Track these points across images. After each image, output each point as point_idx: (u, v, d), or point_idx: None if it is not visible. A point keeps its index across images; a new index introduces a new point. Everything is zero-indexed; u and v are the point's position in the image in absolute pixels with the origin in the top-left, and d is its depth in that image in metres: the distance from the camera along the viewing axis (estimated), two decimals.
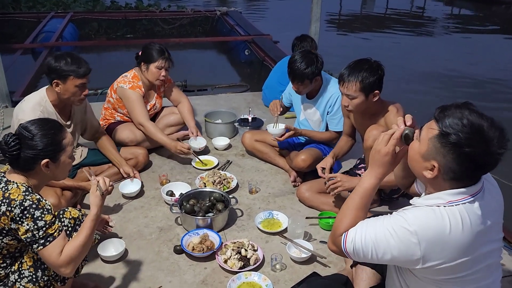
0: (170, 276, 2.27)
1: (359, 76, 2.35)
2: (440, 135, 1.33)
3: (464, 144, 1.29)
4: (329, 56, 6.50)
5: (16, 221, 1.65)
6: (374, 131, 2.45)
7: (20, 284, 1.77)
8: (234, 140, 3.82)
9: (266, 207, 2.88)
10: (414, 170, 1.48)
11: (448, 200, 1.38)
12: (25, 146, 1.72)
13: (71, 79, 2.51)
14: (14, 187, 1.70)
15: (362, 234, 1.45)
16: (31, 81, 5.74)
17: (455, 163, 1.32)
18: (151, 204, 2.91)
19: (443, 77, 7.48)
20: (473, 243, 1.37)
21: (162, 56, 3.30)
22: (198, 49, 9.01)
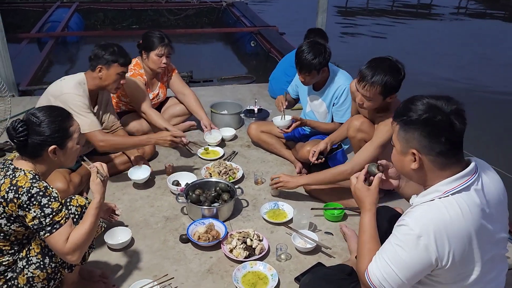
0: (176, 265, 2.29)
1: (383, 81, 2.27)
2: (401, 125, 1.44)
3: (422, 115, 1.39)
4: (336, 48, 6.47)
5: (23, 208, 1.67)
6: (355, 121, 2.61)
7: (28, 270, 1.79)
8: (240, 131, 3.83)
9: (272, 198, 2.89)
10: (404, 172, 1.53)
11: (444, 191, 1.39)
12: (33, 132, 1.73)
13: (114, 66, 2.71)
14: (21, 174, 1.71)
15: (379, 265, 1.46)
16: (38, 70, 5.76)
17: (425, 139, 1.39)
18: (157, 193, 2.92)
19: (452, 70, 7.43)
20: (477, 229, 1.37)
21: (162, 43, 3.30)
22: (204, 40, 8.99)
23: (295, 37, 6.20)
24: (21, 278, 1.79)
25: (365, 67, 2.34)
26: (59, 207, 1.72)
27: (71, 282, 1.98)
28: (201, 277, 2.20)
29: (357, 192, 1.70)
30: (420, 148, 1.41)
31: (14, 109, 3.27)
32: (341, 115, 3.10)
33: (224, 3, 10.05)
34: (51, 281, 1.84)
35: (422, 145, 1.40)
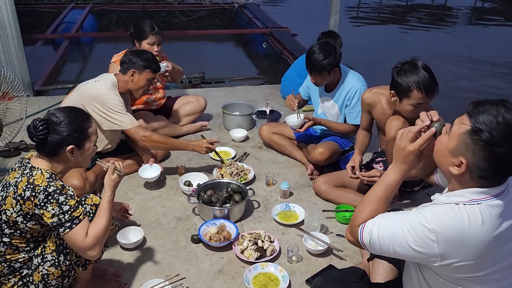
0: (187, 265, 2.30)
1: (437, 88, 2.31)
2: (472, 131, 1.28)
3: (497, 143, 1.24)
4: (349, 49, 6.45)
5: (40, 207, 1.69)
6: (395, 121, 2.44)
7: (43, 267, 1.81)
8: (252, 132, 3.83)
9: (283, 200, 2.89)
10: (440, 164, 1.44)
11: (470, 199, 1.34)
12: (53, 131, 1.78)
13: (147, 72, 2.85)
14: (38, 173, 1.74)
15: (380, 227, 1.44)
16: (52, 70, 5.83)
17: (485, 162, 1.28)
18: (169, 194, 2.94)
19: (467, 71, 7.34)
20: (493, 242, 1.33)
21: (153, 32, 3.36)
22: (216, 41, 9.02)
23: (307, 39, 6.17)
24: (36, 275, 1.82)
25: (421, 79, 2.26)
26: (76, 204, 1.75)
27: (84, 280, 2.00)
28: (212, 278, 2.21)
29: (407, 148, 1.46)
30: (472, 165, 1.30)
31: (29, 109, 3.31)
32: (354, 117, 3.08)
33: (236, 5, 10.08)
34: (65, 278, 1.87)
35: (477, 164, 1.29)
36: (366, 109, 2.78)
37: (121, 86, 2.86)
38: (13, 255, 1.81)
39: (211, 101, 4.26)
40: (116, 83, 2.84)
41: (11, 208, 1.73)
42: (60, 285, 1.87)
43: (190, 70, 5.29)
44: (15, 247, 1.80)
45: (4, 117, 2.85)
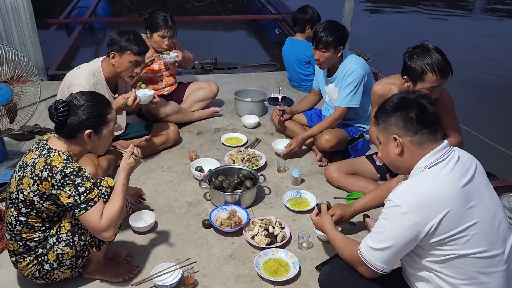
0: (198, 249, 2.32)
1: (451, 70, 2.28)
2: (380, 118, 1.65)
3: (395, 103, 1.62)
4: (362, 36, 6.36)
5: (57, 187, 1.73)
6: None
7: (58, 247, 1.85)
8: (264, 119, 3.82)
9: (294, 186, 2.88)
10: (391, 162, 1.68)
11: (423, 166, 1.55)
12: (73, 114, 1.82)
13: (127, 54, 2.67)
14: (56, 154, 1.78)
15: (368, 239, 1.61)
16: (66, 55, 5.86)
17: (400, 121, 1.58)
18: (180, 179, 2.95)
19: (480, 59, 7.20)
20: (457, 195, 1.48)
21: (166, 26, 3.33)
22: (228, 27, 8.96)
23: None
24: (51, 254, 1.86)
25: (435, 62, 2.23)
26: (92, 186, 1.78)
27: (97, 261, 2.03)
28: (223, 262, 2.23)
29: (316, 223, 2.10)
30: (398, 132, 1.59)
31: (43, 93, 3.34)
32: (341, 99, 3.03)
33: None
34: (79, 259, 1.90)
35: (399, 127, 1.59)
36: (379, 102, 2.70)
37: (107, 70, 2.75)
38: (29, 234, 1.85)
39: (223, 87, 4.25)
40: (100, 69, 2.74)
41: (28, 188, 1.76)
42: (74, 265, 1.91)
43: (202, 56, 5.26)
44: (31, 226, 1.84)
45: (18, 100, 2.88)
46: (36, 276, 1.91)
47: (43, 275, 1.90)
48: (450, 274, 1.52)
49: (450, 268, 1.52)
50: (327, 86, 3.20)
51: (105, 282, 2.07)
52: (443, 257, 1.51)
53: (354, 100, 3.00)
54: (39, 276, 1.91)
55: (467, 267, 1.50)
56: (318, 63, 3.02)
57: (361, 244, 1.65)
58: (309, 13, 4.16)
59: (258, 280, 2.12)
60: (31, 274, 1.90)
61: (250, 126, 3.67)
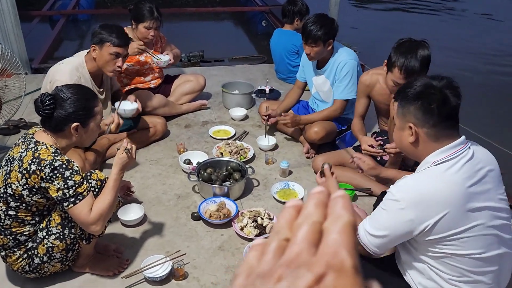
0: (188, 241, 2.33)
1: (425, 71, 2.28)
2: (399, 102, 1.57)
3: (418, 91, 1.52)
4: (349, 28, 6.37)
5: (46, 180, 1.73)
6: None
7: (48, 240, 1.85)
8: (251, 111, 3.83)
9: (282, 178, 2.91)
10: (403, 147, 1.63)
11: (432, 161, 1.50)
12: (59, 107, 1.82)
13: (107, 46, 2.61)
14: (43, 147, 1.77)
15: (366, 223, 1.61)
16: (50, 48, 5.76)
17: (420, 111, 1.50)
18: (168, 172, 2.96)
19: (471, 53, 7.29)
20: (460, 196, 1.44)
21: (151, 17, 3.29)
22: (215, 19, 8.90)
23: None
24: (41, 247, 1.86)
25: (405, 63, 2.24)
26: (81, 180, 1.78)
27: (86, 255, 2.04)
28: (212, 254, 2.25)
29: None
30: (415, 122, 1.52)
31: (27, 87, 3.29)
32: (340, 91, 3.05)
33: None
34: (69, 252, 1.91)
35: (417, 118, 1.51)
36: (366, 92, 2.75)
37: (90, 64, 2.69)
38: (18, 228, 1.85)
39: (211, 80, 4.24)
40: (84, 63, 2.69)
41: (17, 181, 1.75)
42: (64, 258, 1.91)
43: (189, 48, 5.23)
44: (20, 220, 1.83)
45: (3, 94, 2.84)
46: (26, 270, 1.91)
47: (33, 268, 1.90)
48: (443, 269, 1.53)
49: (444, 264, 1.52)
50: (316, 78, 3.20)
51: (95, 276, 2.07)
52: (437, 253, 1.51)
53: (352, 91, 3.02)
54: (29, 270, 1.90)
55: (461, 265, 1.50)
56: (309, 57, 3.02)
57: (360, 224, 1.65)
58: (298, 5, 4.18)
59: None
60: (21, 268, 1.90)
61: (237, 118, 3.68)
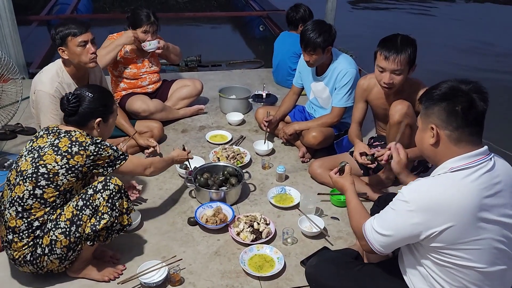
0: (184, 247, 2.33)
1: (408, 49, 2.33)
2: (424, 102, 1.54)
3: (443, 92, 1.49)
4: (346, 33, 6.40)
5: (94, 156, 1.96)
6: (399, 105, 2.45)
7: (54, 233, 1.88)
8: (248, 116, 3.84)
9: (279, 183, 2.91)
10: (423, 149, 1.59)
11: (449, 167, 1.46)
12: (83, 104, 2.02)
13: (70, 40, 2.52)
14: (77, 133, 1.98)
15: (374, 222, 1.60)
16: (47, 53, 5.77)
17: (444, 112, 1.47)
18: (165, 176, 2.96)
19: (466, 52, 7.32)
20: (472, 207, 1.40)
21: (148, 21, 3.32)
22: (213, 24, 8.93)
23: None
24: (45, 238, 1.89)
25: (383, 43, 2.38)
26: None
27: (84, 259, 2.04)
28: (208, 259, 2.25)
29: (337, 182, 2.02)
30: (438, 123, 1.48)
31: (25, 92, 3.29)
32: (339, 99, 3.06)
33: None
34: (70, 250, 1.92)
35: (441, 119, 1.47)
36: (363, 96, 2.76)
37: (68, 67, 2.64)
38: (38, 210, 1.90)
39: (208, 84, 4.25)
40: (62, 67, 2.63)
41: (54, 162, 1.89)
42: (63, 256, 1.92)
43: (186, 53, 5.24)
44: (43, 201, 1.89)
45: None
46: (26, 260, 1.92)
47: (33, 259, 1.91)
48: (444, 277, 1.51)
49: (446, 273, 1.50)
50: (315, 85, 3.21)
51: (91, 281, 2.07)
52: (441, 261, 1.49)
53: (350, 99, 3.04)
54: (28, 260, 1.92)
55: (463, 276, 1.48)
56: (308, 64, 3.03)
57: (368, 221, 1.64)
58: (300, 11, 4.17)
59: (244, 276, 2.15)
60: (23, 256, 1.91)
61: (234, 123, 3.69)
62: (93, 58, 2.59)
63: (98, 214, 1.91)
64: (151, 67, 3.59)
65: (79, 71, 2.67)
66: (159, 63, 3.69)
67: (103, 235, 1.95)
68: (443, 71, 5.90)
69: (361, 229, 1.65)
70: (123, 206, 2.00)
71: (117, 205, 1.95)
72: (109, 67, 3.48)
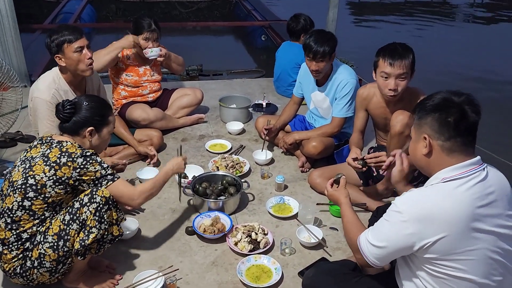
0: (181, 256, 2.31)
1: (409, 54, 2.37)
2: (417, 114, 1.56)
3: (436, 103, 1.51)
4: (347, 44, 6.42)
5: (80, 169, 1.89)
6: (400, 116, 2.45)
7: (42, 247, 1.86)
8: (248, 125, 3.84)
9: (278, 192, 2.90)
10: (416, 160, 1.60)
11: (442, 178, 1.47)
12: (78, 112, 2.01)
13: (66, 47, 2.52)
14: (68, 144, 1.94)
15: (369, 234, 1.60)
16: (50, 61, 5.79)
17: (436, 123, 1.48)
18: (164, 186, 2.93)
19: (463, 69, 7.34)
20: (465, 217, 1.40)
21: (149, 29, 3.35)
22: (215, 33, 8.99)
23: None
24: (35, 251, 1.87)
25: (385, 51, 2.40)
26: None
27: (78, 270, 2.02)
28: (205, 269, 2.23)
29: (332, 195, 2.04)
30: (430, 133, 1.50)
31: (25, 100, 3.30)
32: (339, 109, 3.06)
33: None
34: (60, 264, 1.90)
35: (433, 129, 1.49)
36: (363, 105, 2.76)
37: (66, 75, 2.64)
38: (27, 222, 1.88)
39: (209, 93, 4.26)
40: (59, 74, 2.64)
41: (43, 173, 1.86)
42: (53, 270, 1.90)
43: (188, 62, 5.24)
44: (32, 213, 1.88)
45: (0, 107, 2.86)
46: (16, 272, 1.90)
47: (23, 271, 1.90)
48: None
49: (441, 284, 1.49)
50: (315, 95, 3.21)
51: None
52: (436, 272, 1.48)
53: (350, 109, 3.04)
54: (18, 273, 1.90)
55: (458, 287, 1.47)
56: (317, 73, 3.02)
57: (362, 234, 1.64)
58: (301, 22, 4.19)
59: (241, 286, 2.13)
60: (13, 269, 1.90)
61: (234, 132, 3.69)
62: (89, 64, 2.61)
63: (86, 228, 1.85)
64: (153, 75, 3.60)
65: (75, 78, 2.67)
66: (161, 72, 3.70)
67: (94, 247, 1.91)
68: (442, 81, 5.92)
69: (356, 242, 1.65)
70: (112, 217, 1.94)
71: (106, 217, 1.90)
72: (111, 74, 3.49)
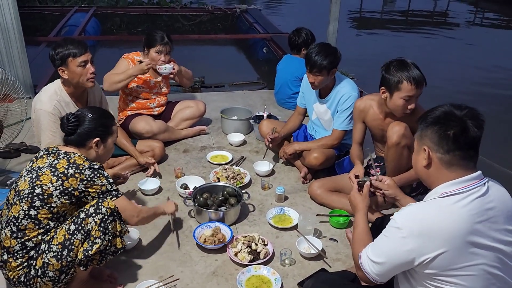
0: (182, 267, 2.33)
1: (425, 81, 2.41)
2: (420, 126, 1.57)
3: (437, 116, 1.51)
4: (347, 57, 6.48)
5: (87, 181, 1.94)
6: (396, 127, 2.49)
7: (46, 256, 1.88)
8: (249, 137, 3.87)
9: (278, 203, 2.92)
10: (417, 171, 1.62)
11: (441, 193, 1.48)
12: (83, 124, 2.05)
13: (70, 61, 2.58)
14: (76, 155, 1.99)
15: (369, 250, 1.61)
16: (54, 73, 5.87)
17: (436, 135, 1.49)
18: (165, 196, 2.98)
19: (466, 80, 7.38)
20: (464, 233, 1.40)
21: (162, 42, 3.41)
22: (217, 46, 9.08)
23: None
24: (39, 260, 1.89)
25: (406, 70, 2.39)
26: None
27: (80, 279, 2.04)
28: (206, 279, 2.25)
29: (354, 198, 2.00)
30: (430, 145, 1.51)
31: (30, 111, 3.35)
32: (340, 122, 3.09)
33: (238, 10, 10.15)
34: (63, 274, 1.91)
35: (433, 142, 1.50)
36: (360, 118, 2.80)
37: (68, 87, 2.70)
38: (32, 231, 1.90)
39: (211, 105, 4.31)
40: (61, 86, 2.69)
41: (50, 183, 1.89)
42: (56, 279, 1.92)
43: None
44: (37, 222, 1.90)
45: (4, 118, 2.90)
46: (20, 281, 1.92)
47: (27, 280, 1.91)
48: None
49: None
50: (317, 106, 3.24)
51: None
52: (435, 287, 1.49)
53: (351, 123, 3.05)
54: (22, 281, 1.92)
55: None
56: (313, 85, 3.06)
57: (363, 250, 1.64)
58: (302, 36, 4.25)
59: None
60: (17, 277, 1.92)
61: (235, 144, 3.72)
62: (91, 78, 2.68)
63: (91, 238, 1.89)
64: (162, 88, 3.66)
65: (77, 90, 2.73)
66: (169, 85, 3.76)
67: (96, 258, 1.94)
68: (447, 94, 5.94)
69: (358, 259, 1.66)
70: (116, 228, 1.98)
71: (110, 229, 1.93)
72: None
